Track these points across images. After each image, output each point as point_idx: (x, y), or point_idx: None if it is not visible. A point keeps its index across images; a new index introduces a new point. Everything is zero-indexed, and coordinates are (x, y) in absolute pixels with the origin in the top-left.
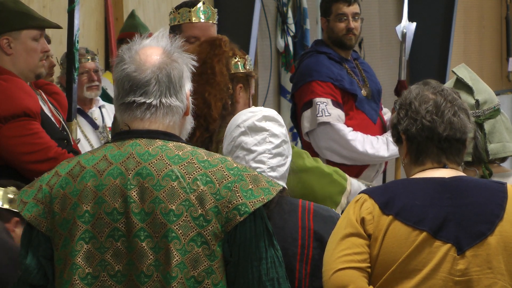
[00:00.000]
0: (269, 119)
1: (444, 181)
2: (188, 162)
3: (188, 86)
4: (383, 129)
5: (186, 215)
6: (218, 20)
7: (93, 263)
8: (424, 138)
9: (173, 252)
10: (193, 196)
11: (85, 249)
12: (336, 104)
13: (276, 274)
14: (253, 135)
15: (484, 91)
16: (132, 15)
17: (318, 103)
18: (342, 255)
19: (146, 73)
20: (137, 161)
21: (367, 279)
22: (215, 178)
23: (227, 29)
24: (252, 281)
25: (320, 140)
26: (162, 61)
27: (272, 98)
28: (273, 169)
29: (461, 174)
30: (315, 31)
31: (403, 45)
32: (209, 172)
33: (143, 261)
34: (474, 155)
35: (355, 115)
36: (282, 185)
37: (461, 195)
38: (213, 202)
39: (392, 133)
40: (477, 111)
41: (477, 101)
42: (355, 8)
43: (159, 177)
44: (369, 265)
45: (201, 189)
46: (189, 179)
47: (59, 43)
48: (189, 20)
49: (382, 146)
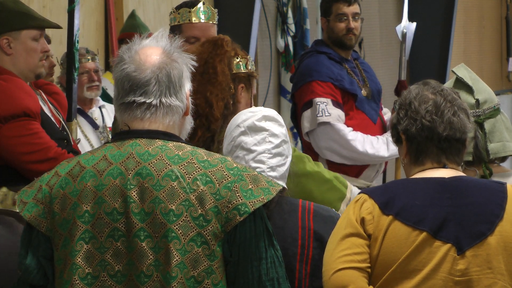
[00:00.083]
0: (269, 119)
1: (444, 181)
2: (188, 162)
3: (187, 86)
4: (383, 129)
5: (186, 215)
6: (218, 20)
7: (93, 263)
8: (424, 138)
9: (173, 252)
10: (193, 196)
11: (85, 249)
12: (336, 104)
13: (276, 274)
14: (253, 135)
15: (484, 90)
16: (133, 15)
17: (318, 103)
18: (342, 255)
19: (146, 73)
20: (137, 161)
21: (367, 279)
22: (215, 178)
23: (227, 29)
24: (252, 281)
25: (320, 140)
26: (162, 61)
27: (272, 98)
28: (272, 169)
29: (461, 174)
30: (315, 31)
31: (403, 45)
32: (209, 172)
33: (143, 261)
34: (475, 155)
35: (355, 115)
36: (282, 185)
37: (461, 195)
38: (213, 202)
39: (391, 133)
40: (477, 110)
41: (477, 100)
42: (355, 8)
43: (159, 177)
44: (369, 265)
45: (201, 189)
46: (189, 179)
47: (59, 43)
48: (189, 20)
49: (382, 146)
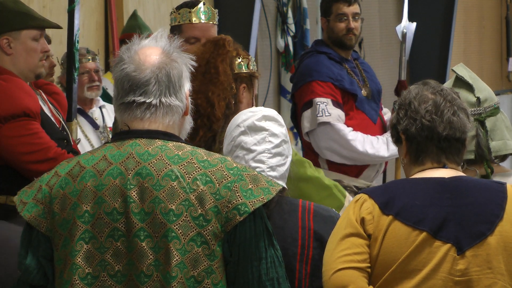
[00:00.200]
0: (269, 118)
1: (444, 181)
2: (188, 162)
3: (187, 86)
4: (383, 129)
5: (186, 215)
6: (218, 20)
7: (93, 263)
8: (424, 138)
9: (173, 252)
10: (193, 196)
11: (85, 249)
12: (336, 104)
13: (276, 274)
14: (253, 134)
15: (484, 89)
16: (134, 15)
17: (318, 103)
18: (342, 255)
19: (145, 72)
20: (136, 161)
21: (367, 279)
22: (214, 178)
23: (227, 29)
24: (252, 281)
25: (320, 140)
26: (161, 61)
27: (272, 98)
28: (272, 168)
29: (461, 174)
30: (315, 31)
31: (403, 45)
32: (209, 172)
33: (143, 261)
34: (477, 153)
35: (355, 115)
36: (282, 185)
37: (461, 195)
38: (213, 202)
39: (391, 133)
40: (478, 108)
41: (478, 98)
42: (355, 8)
43: (158, 177)
44: (369, 265)
45: (200, 189)
46: (188, 179)
47: (59, 43)
48: (189, 20)
49: (382, 146)
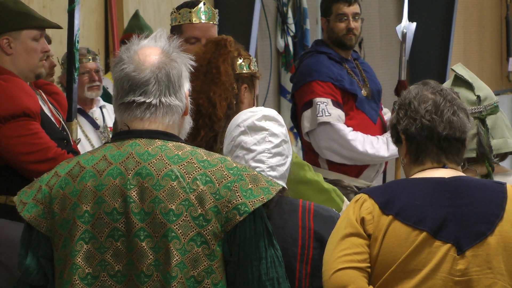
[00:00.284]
0: (269, 118)
1: (444, 181)
2: (188, 162)
3: (187, 85)
4: (383, 129)
5: (186, 214)
6: (218, 20)
7: (93, 263)
8: (424, 138)
9: (173, 251)
10: (193, 195)
11: (85, 249)
12: (336, 104)
13: (276, 274)
14: (253, 134)
15: (483, 88)
16: (136, 15)
17: (318, 103)
18: (342, 255)
19: (145, 72)
20: (136, 161)
21: (367, 279)
22: (214, 178)
23: (227, 29)
24: (252, 281)
25: (320, 140)
26: (161, 61)
27: (272, 98)
28: (272, 168)
29: (461, 174)
30: (315, 31)
31: (403, 45)
32: (209, 171)
33: (143, 261)
34: (478, 151)
35: (355, 115)
36: (282, 184)
37: (461, 195)
38: (212, 202)
39: (391, 133)
40: (479, 106)
41: (478, 96)
42: (355, 8)
43: (158, 177)
44: (369, 265)
45: (200, 189)
46: (188, 179)
47: (59, 43)
48: (189, 20)
49: (382, 146)
